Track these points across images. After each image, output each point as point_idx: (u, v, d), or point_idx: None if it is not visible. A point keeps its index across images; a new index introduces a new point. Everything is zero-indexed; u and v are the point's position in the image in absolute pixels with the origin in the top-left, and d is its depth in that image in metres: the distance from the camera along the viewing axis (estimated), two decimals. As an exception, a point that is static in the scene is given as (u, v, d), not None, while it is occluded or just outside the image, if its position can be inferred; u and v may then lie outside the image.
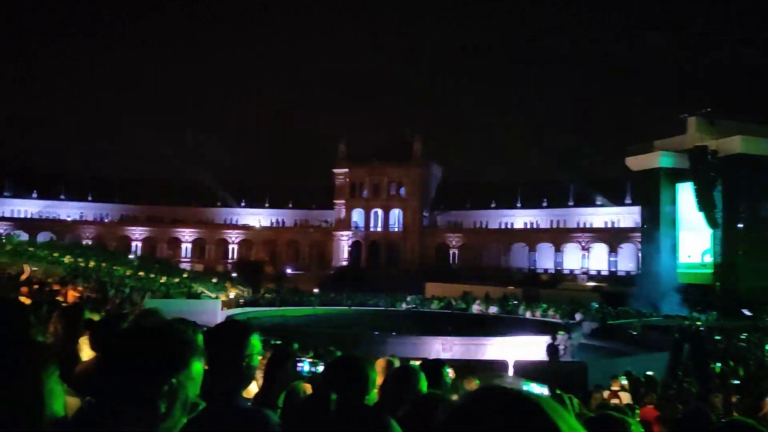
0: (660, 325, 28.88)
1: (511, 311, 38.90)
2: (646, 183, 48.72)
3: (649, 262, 46.72)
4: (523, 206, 72.95)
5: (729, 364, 16.08)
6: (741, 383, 13.49)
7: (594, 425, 2.73)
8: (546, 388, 5.15)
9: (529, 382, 5.30)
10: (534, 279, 64.33)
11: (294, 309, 33.25)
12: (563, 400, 4.77)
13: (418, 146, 75.36)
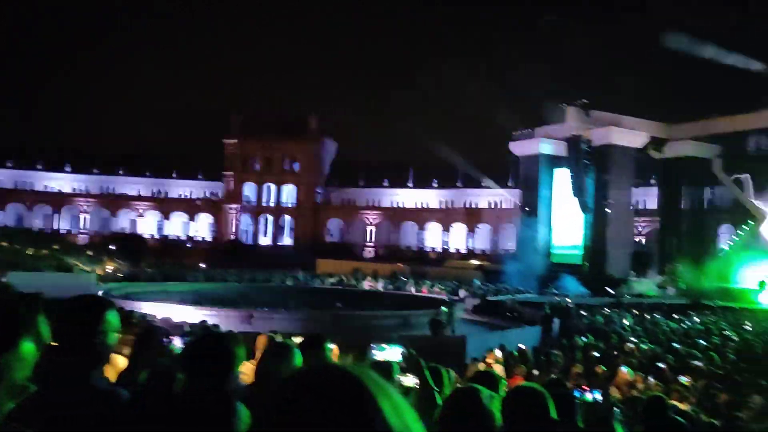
0: (534, 301, 30.57)
1: (399, 288, 39.78)
2: (527, 167, 51.12)
3: (527, 243, 49.28)
4: (414, 186, 74.39)
5: (590, 338, 17.33)
6: (602, 355, 14.60)
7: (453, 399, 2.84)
8: (400, 349, 5.28)
9: (388, 345, 5.41)
10: (422, 257, 66.09)
11: (177, 284, 32.20)
12: (439, 372, 4.97)
13: (314, 122, 74.68)
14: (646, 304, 31.99)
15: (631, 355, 14.35)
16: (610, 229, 44.28)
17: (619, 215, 44.96)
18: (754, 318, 25.69)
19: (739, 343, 17.15)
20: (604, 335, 18.64)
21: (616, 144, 44.57)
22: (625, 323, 22.19)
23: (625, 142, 45.00)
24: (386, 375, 4.33)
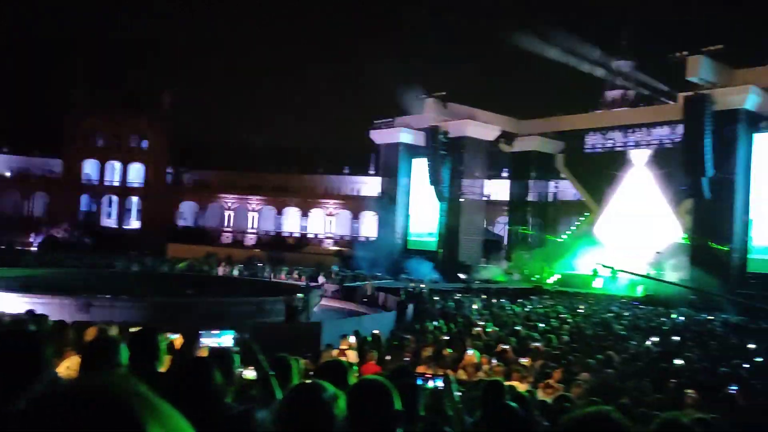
0: (390, 287, 31.24)
1: (255, 274, 38.99)
2: (387, 156, 52.04)
3: (385, 229, 50.32)
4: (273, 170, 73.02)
5: (441, 322, 17.94)
6: (450, 338, 15.11)
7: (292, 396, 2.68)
8: (232, 335, 5.01)
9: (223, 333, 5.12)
10: (280, 242, 65.29)
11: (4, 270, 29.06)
12: (285, 362, 4.71)
13: (168, 98, 70.76)
14: (493, 289, 33.85)
15: (478, 338, 14.97)
16: (463, 218, 46.28)
17: (472, 205, 47.12)
18: (586, 302, 28.03)
19: (573, 325, 18.57)
20: (455, 319, 19.38)
21: (470, 136, 46.55)
22: (474, 308, 23.25)
23: (479, 135, 47.15)
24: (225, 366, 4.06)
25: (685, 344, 15.45)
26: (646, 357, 12.98)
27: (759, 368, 13.78)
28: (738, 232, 35.53)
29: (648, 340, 15.56)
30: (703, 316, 25.01)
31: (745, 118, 35.78)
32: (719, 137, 34.92)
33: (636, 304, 28.58)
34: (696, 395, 9.21)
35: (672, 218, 41.73)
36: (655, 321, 21.35)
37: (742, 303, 29.78)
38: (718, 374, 11.40)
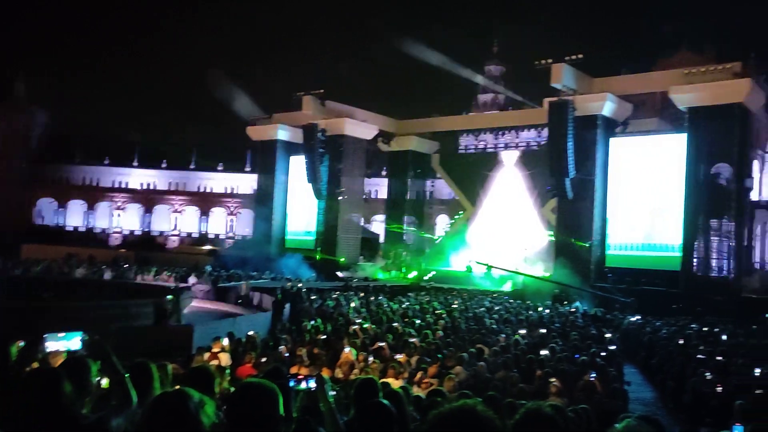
0: (267, 287, 30.59)
1: (121, 275, 36.84)
2: (264, 153, 51.06)
3: (262, 228, 49.35)
4: (140, 165, 69.38)
5: (318, 321, 17.75)
6: (327, 337, 14.96)
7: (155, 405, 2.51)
8: (80, 336, 4.58)
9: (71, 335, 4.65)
10: (149, 241, 62.19)
11: None
12: (144, 367, 4.34)
13: (21, 88, 65.19)
14: (371, 287, 34.12)
15: (355, 336, 14.93)
16: (341, 216, 46.33)
17: (350, 203, 47.27)
18: (461, 297, 28.92)
19: (448, 320, 19.04)
20: (332, 318, 19.26)
21: (349, 135, 46.67)
22: (352, 306, 23.26)
23: (358, 133, 47.39)
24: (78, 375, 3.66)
25: (550, 335, 16.27)
26: (515, 349, 13.50)
27: (613, 355, 14.81)
28: (597, 230, 38.14)
29: (517, 332, 16.22)
30: (566, 308, 26.59)
31: (602, 124, 38.48)
32: (580, 141, 37.35)
33: (506, 298, 29.89)
34: (559, 383, 9.68)
35: (539, 216, 44.20)
36: (524, 314, 22.37)
37: (600, 295, 32.04)
38: (579, 363, 12.08)
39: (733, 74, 34.90)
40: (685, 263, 34.71)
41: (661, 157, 37.29)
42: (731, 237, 33.85)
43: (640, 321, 23.47)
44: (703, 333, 19.20)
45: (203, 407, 2.43)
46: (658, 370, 15.60)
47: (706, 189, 34.03)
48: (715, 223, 34.09)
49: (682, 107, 35.92)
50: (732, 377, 11.81)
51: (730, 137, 33.89)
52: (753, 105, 37.01)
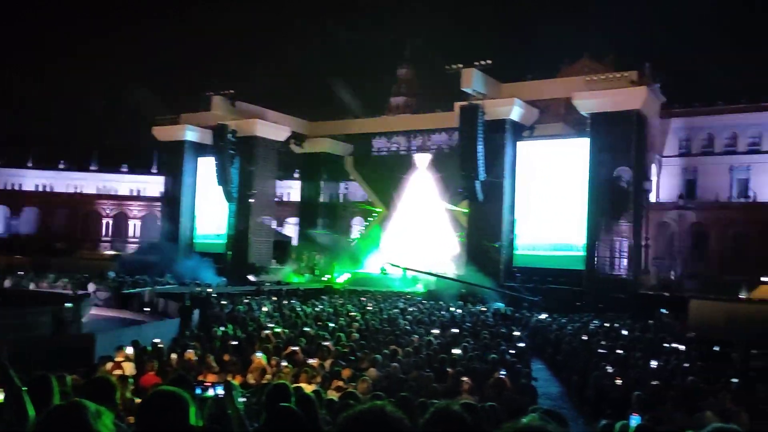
0: (174, 292, 29.50)
1: (16, 283, 34.56)
2: (171, 154, 49.37)
3: (169, 231, 47.65)
4: (35, 166, 65.35)
5: (229, 327, 17.26)
6: (239, 343, 14.55)
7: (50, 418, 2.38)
8: None
9: None
10: (48, 247, 58.65)
11: None
12: (44, 380, 4.09)
13: None
14: (284, 291, 33.63)
15: (267, 341, 14.61)
16: (253, 219, 45.44)
17: (262, 205, 46.46)
18: (375, 300, 28.97)
19: (362, 323, 18.99)
20: (244, 323, 18.80)
21: (260, 136, 45.87)
22: (264, 310, 22.78)
23: (269, 135, 46.66)
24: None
25: (462, 335, 16.54)
26: (428, 349, 13.61)
27: (521, 353, 15.24)
28: (506, 231, 39.28)
29: (430, 333, 16.38)
30: (477, 307, 27.16)
31: (511, 128, 39.70)
32: (490, 144, 38.37)
33: (419, 300, 30.21)
34: (470, 381, 9.81)
35: (451, 218, 45.07)
36: (437, 315, 22.66)
37: (509, 294, 32.99)
38: (489, 361, 12.32)
39: (631, 82, 36.93)
40: (588, 262, 36.34)
41: (566, 160, 38.90)
42: (630, 237, 35.75)
43: (548, 319, 24.28)
44: (604, 329, 20.09)
45: (100, 418, 2.32)
46: (563, 366, 16.15)
47: (607, 191, 35.75)
48: (616, 224, 35.88)
49: (584, 113, 37.62)
50: (631, 370, 12.38)
51: (629, 142, 35.81)
52: (649, 112, 39.28)
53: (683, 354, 14.62)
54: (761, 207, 43.16)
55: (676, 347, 15.49)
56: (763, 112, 46.58)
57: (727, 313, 22.33)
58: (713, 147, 48.72)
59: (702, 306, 23.86)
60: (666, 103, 46.65)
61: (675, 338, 17.65)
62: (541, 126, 41.08)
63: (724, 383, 10.58)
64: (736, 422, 7.95)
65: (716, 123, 48.39)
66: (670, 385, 10.70)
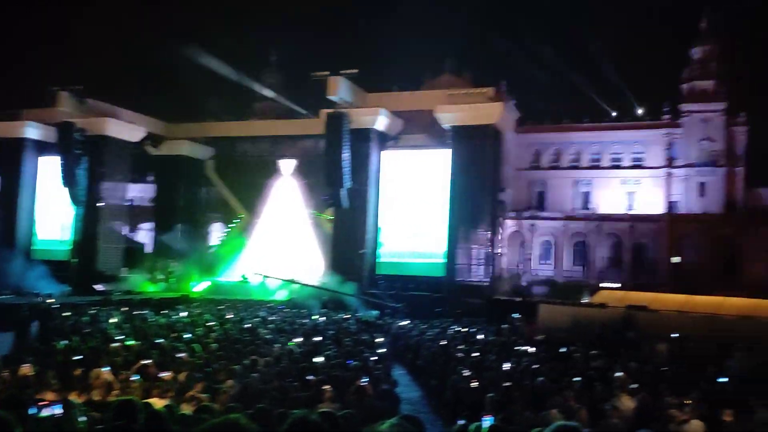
0: (10, 303, 26.83)
1: None
2: (9, 152, 45.02)
3: (4, 236, 43.30)
4: None
5: (74, 340, 15.90)
6: (83, 357, 13.40)
7: None
8: None
9: None
10: None
11: None
12: None
13: None
14: (136, 300, 31.69)
15: (115, 354, 13.59)
16: (102, 224, 42.48)
17: (112, 210, 43.59)
18: (235, 308, 28.05)
19: (220, 333, 18.25)
20: (89, 336, 17.42)
21: (112, 136, 43.05)
22: (112, 321, 21.27)
23: (122, 135, 43.92)
24: None
25: (325, 343, 16.38)
26: (289, 358, 13.32)
27: (383, 359, 15.36)
28: (370, 238, 39.79)
29: (292, 341, 16.07)
30: (340, 315, 27.14)
31: (376, 137, 40.36)
32: (355, 152, 38.76)
33: (282, 308, 29.68)
34: (332, 389, 9.67)
35: (316, 225, 44.81)
36: (299, 323, 22.33)
37: (372, 302, 33.35)
38: (352, 368, 12.26)
39: (488, 98, 38.96)
40: (448, 270, 37.69)
41: (428, 170, 40.19)
42: (486, 245, 37.56)
43: (409, 325, 24.75)
44: (462, 334, 20.79)
45: None
46: (423, 371, 16.46)
47: (466, 201, 37.33)
48: (474, 233, 37.54)
49: (445, 125, 39.09)
50: (486, 372, 12.84)
51: (486, 154, 37.71)
52: (505, 127, 41.65)
53: (533, 356, 15.41)
54: (600, 218, 47.07)
55: (526, 349, 16.30)
56: (602, 131, 50.95)
57: (571, 316, 23.95)
58: (560, 162, 52.50)
59: (550, 310, 25.43)
60: (520, 119, 49.68)
61: (526, 341, 18.61)
62: (405, 136, 42.12)
63: (568, 382, 11.21)
64: (577, 419, 8.44)
65: (563, 140, 52.23)
66: (520, 385, 11.17)
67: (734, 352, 16.53)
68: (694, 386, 11.19)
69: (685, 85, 47.75)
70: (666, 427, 8.72)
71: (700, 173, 46.88)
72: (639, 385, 11.13)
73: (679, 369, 14.14)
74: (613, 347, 17.71)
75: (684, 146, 47.67)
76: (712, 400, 10.17)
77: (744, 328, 19.43)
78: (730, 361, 15.79)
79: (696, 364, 15.25)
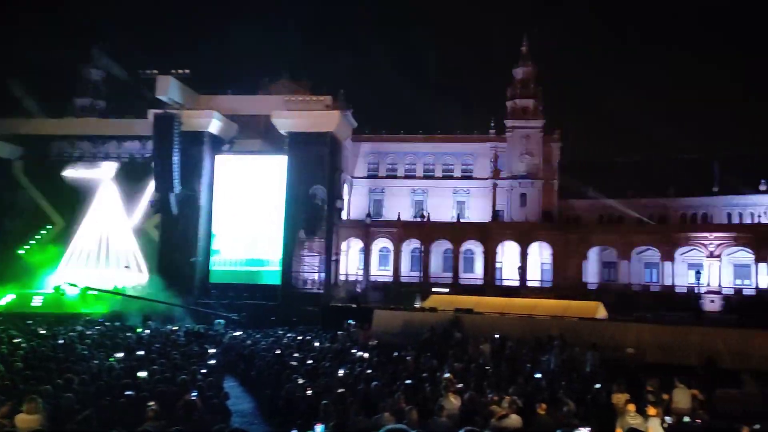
0: None
1: None
2: None
3: None
4: None
5: None
6: None
7: None
8: None
9: None
10: None
11: None
12: None
13: None
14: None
15: None
16: None
17: None
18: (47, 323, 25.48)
19: (29, 350, 16.47)
20: None
21: None
22: None
23: None
24: None
25: (150, 357, 15.38)
26: (109, 375, 12.33)
27: (214, 371, 14.75)
28: (202, 246, 38.25)
29: (113, 357, 14.94)
30: (168, 327, 25.71)
31: (209, 140, 38.95)
32: (186, 156, 37.10)
33: (102, 321, 27.47)
34: (156, 406, 9.05)
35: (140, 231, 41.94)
36: (121, 337, 20.82)
37: (203, 312, 32.01)
38: (179, 382, 11.60)
39: (326, 106, 39.24)
40: (284, 277, 37.28)
41: (264, 176, 39.50)
42: (323, 252, 37.68)
43: (242, 335, 24.11)
44: (297, 341, 20.62)
45: None
46: (257, 381, 16.07)
47: (303, 208, 37.22)
48: (310, 240, 37.51)
49: (282, 131, 38.75)
50: (320, 379, 12.78)
51: (323, 162, 37.89)
52: (342, 135, 42.10)
53: (367, 361, 15.62)
54: (432, 226, 49.16)
55: (361, 355, 16.51)
56: (436, 143, 53.42)
57: (404, 321, 24.75)
58: (397, 171, 54.19)
59: (384, 316, 26.10)
60: (357, 128, 50.63)
61: (361, 347, 18.87)
62: (241, 141, 41.11)
63: (399, 385, 11.48)
64: (407, 420, 8.65)
65: (399, 150, 53.99)
66: (354, 390, 11.25)
67: (548, 349, 18.01)
68: (514, 383, 11.99)
69: (509, 103, 51.48)
70: (488, 422, 9.19)
71: (522, 185, 50.70)
72: (464, 384, 11.70)
73: (500, 367, 15.08)
74: (442, 349, 18.54)
75: (508, 159, 51.29)
76: (528, 394, 10.95)
77: (556, 327, 21.23)
78: (544, 357, 17.18)
79: (515, 361, 16.40)
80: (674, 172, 48.44)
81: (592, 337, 18.99)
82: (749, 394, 12.83)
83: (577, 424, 8.41)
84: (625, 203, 49.45)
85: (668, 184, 48.93)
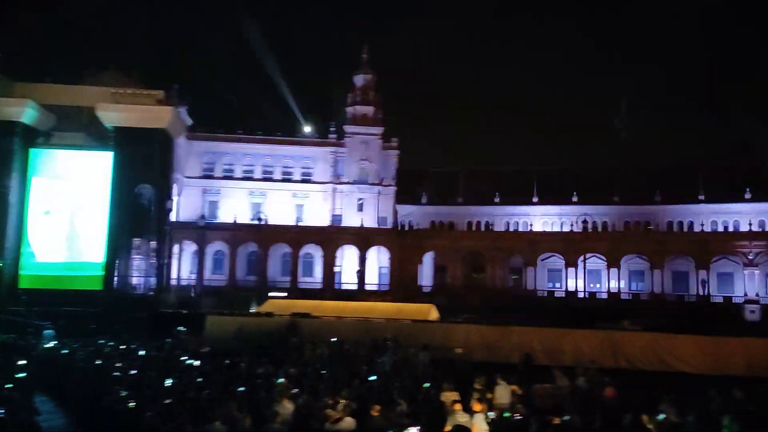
0: None
1: None
2: None
3: None
4: None
5: None
6: None
7: None
8: None
9: None
10: None
11: None
12: None
13: None
14: None
15: None
16: None
17: None
18: None
19: None
20: None
21: None
22: None
23: None
24: None
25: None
26: None
27: (23, 385, 13.30)
28: (11, 247, 34.57)
29: None
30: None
31: (22, 132, 35.35)
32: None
33: None
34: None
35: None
36: None
37: (11, 320, 28.86)
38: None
39: (157, 101, 37.21)
40: (106, 282, 34.69)
41: (88, 173, 36.51)
42: (152, 255, 35.59)
43: (57, 345, 22.05)
44: (121, 350, 19.21)
45: None
46: (73, 394, 14.79)
47: (130, 208, 34.93)
48: (138, 242, 35.30)
49: (108, 125, 36.14)
50: (145, 390, 11.97)
51: (154, 160, 35.83)
52: (175, 132, 40.11)
53: (198, 369, 14.92)
54: (271, 229, 48.39)
55: (191, 363, 15.74)
56: (275, 145, 52.72)
57: (237, 326, 24.00)
58: (234, 172, 52.66)
59: (216, 321, 25.13)
60: (193, 126, 48.54)
61: (191, 354, 17.98)
62: (60, 134, 37.64)
63: (232, 392, 11.09)
64: (241, 427, 8.37)
65: (236, 150, 52.56)
66: (184, 400, 10.68)
67: (383, 351, 18.36)
68: (350, 385, 12.04)
69: (350, 109, 52.14)
70: (323, 426, 9.12)
71: (360, 190, 51.58)
72: (300, 388, 11.54)
73: (336, 370, 15.09)
74: (278, 354, 18.21)
75: (347, 165, 51.96)
76: (363, 396, 11.03)
77: (391, 329, 21.73)
78: (379, 359, 17.48)
79: (351, 363, 16.51)
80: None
81: (425, 338, 19.63)
82: (560, 388, 13.93)
83: (408, 424, 8.59)
84: (459, 210, 52.39)
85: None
